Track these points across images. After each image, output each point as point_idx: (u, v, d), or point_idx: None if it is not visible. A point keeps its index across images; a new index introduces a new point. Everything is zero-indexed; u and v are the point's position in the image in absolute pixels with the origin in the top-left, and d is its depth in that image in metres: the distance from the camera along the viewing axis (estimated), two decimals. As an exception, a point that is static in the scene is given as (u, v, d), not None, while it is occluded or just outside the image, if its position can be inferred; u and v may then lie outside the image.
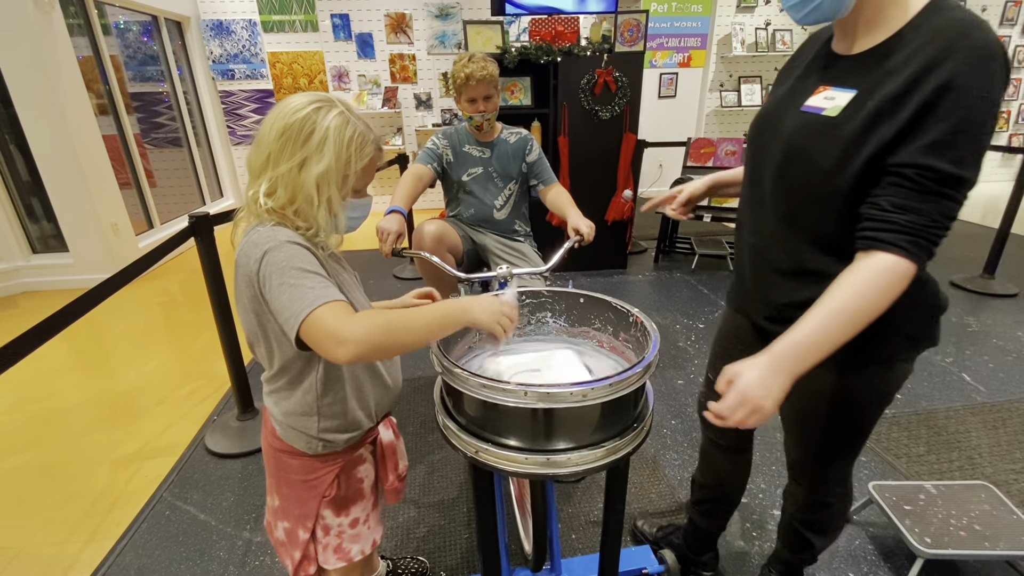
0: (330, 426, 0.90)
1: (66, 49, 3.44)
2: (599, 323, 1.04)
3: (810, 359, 0.73)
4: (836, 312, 0.72)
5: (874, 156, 0.74)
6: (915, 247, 0.72)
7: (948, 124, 0.69)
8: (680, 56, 5.72)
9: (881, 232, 0.73)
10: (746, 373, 0.73)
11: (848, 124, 0.76)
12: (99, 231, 3.64)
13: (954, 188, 0.71)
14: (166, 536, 1.60)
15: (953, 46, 0.68)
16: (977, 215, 5.19)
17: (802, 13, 0.78)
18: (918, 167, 0.71)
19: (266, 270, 0.75)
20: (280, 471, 0.95)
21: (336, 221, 0.84)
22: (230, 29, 5.13)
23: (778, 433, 1.99)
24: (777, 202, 0.89)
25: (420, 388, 2.35)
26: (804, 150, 0.82)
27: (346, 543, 0.98)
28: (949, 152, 0.69)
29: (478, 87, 1.71)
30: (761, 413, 0.72)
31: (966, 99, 0.68)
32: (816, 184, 0.81)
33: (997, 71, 0.68)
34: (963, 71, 0.67)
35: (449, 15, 5.22)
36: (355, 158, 0.81)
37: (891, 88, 0.72)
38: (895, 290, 0.73)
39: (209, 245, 1.87)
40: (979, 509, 1.41)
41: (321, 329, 0.71)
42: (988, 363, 2.46)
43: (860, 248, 0.75)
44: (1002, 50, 0.69)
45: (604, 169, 3.54)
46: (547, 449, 0.76)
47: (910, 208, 0.72)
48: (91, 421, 2.21)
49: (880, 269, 0.72)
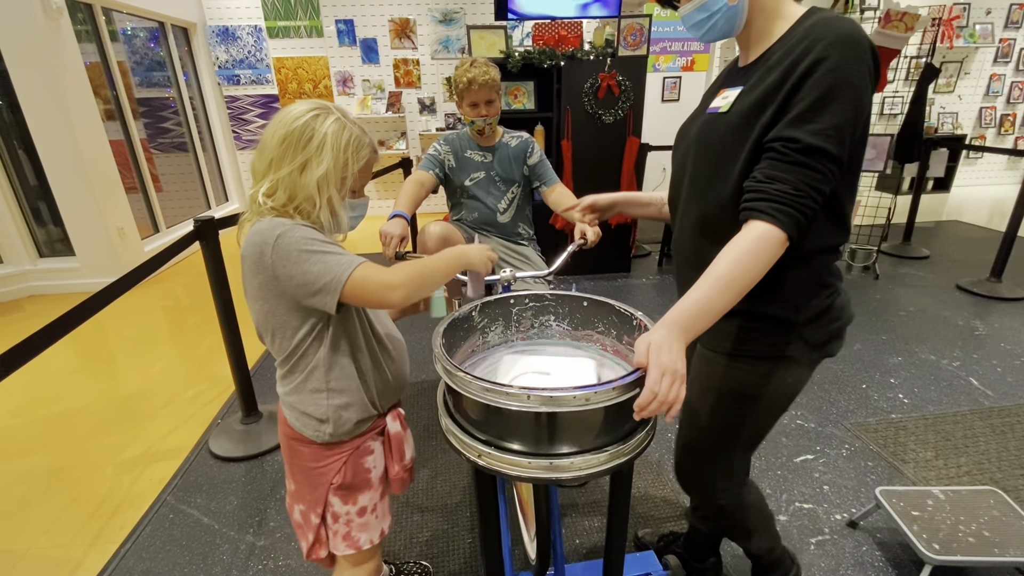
0: (340, 403, 0.94)
1: (74, 55, 3.47)
2: (603, 326, 1.03)
3: (700, 323, 0.77)
4: (716, 278, 0.77)
5: (756, 143, 0.82)
6: (781, 214, 0.77)
7: (809, 100, 0.76)
8: (683, 60, 5.72)
9: (753, 202, 0.80)
10: (653, 344, 0.74)
11: (734, 114, 0.85)
12: (105, 235, 3.66)
13: (815, 158, 0.77)
14: (170, 540, 1.60)
15: (818, 36, 0.77)
16: (984, 218, 5.16)
17: (702, 32, 0.88)
18: (782, 139, 0.78)
19: (283, 251, 0.80)
20: (293, 458, 1.00)
21: (337, 220, 0.90)
22: (236, 35, 5.17)
23: (783, 438, 1.98)
24: (688, 205, 0.97)
25: (424, 391, 2.35)
26: (703, 144, 0.92)
27: (355, 531, 1.01)
28: (809, 125, 0.76)
29: (480, 91, 1.71)
30: (681, 379, 0.73)
31: (827, 79, 0.75)
32: (714, 178, 0.89)
33: (859, 56, 0.75)
34: (825, 55, 0.75)
35: (453, 20, 5.25)
36: (352, 160, 0.87)
37: (770, 80, 0.81)
38: (767, 255, 0.78)
39: (214, 249, 1.88)
40: (988, 515, 1.39)
41: (371, 281, 0.82)
42: (996, 367, 2.44)
43: (742, 219, 0.82)
44: (864, 38, 0.76)
45: (607, 173, 3.54)
46: (550, 453, 0.75)
47: (777, 178, 0.78)
48: (96, 424, 2.21)
49: (753, 236, 0.78)
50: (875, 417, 2.09)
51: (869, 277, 3.61)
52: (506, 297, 1.06)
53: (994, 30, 5.89)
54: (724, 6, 0.84)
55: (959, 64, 6.01)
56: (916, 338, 2.73)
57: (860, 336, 2.76)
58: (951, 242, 4.42)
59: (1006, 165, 6.63)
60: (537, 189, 1.94)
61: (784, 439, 1.97)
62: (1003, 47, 6.03)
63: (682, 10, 0.89)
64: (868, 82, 0.77)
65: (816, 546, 1.51)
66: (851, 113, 0.76)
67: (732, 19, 0.85)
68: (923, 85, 3.55)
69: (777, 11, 0.85)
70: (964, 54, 5.97)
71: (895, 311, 3.05)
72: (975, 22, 5.83)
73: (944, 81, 6.04)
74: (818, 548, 1.51)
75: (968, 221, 5.09)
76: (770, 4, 0.85)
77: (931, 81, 3.60)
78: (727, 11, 0.84)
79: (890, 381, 2.34)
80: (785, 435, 2.00)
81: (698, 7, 0.86)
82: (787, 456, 1.88)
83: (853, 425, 2.04)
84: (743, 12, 0.85)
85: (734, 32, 0.88)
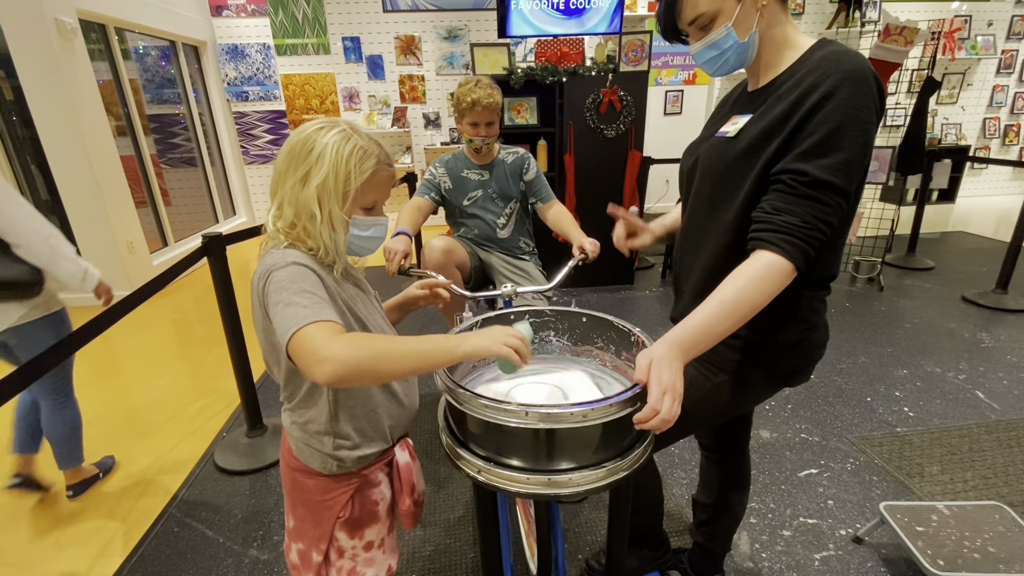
0: (344, 444, 0.90)
1: (87, 73, 3.56)
2: (601, 342, 1.05)
3: (701, 345, 0.79)
4: (721, 303, 0.78)
5: (763, 172, 0.84)
6: (789, 245, 0.78)
7: (819, 135, 0.77)
8: (685, 74, 5.78)
9: (761, 232, 0.81)
10: (655, 361, 0.75)
11: (742, 141, 0.87)
12: (115, 249, 3.72)
13: (824, 192, 0.78)
14: (175, 553, 1.61)
15: (828, 71, 0.78)
16: (989, 229, 5.14)
17: (713, 68, 0.90)
18: (791, 172, 0.79)
19: (269, 288, 0.77)
20: (296, 490, 0.95)
21: (335, 237, 0.84)
22: (245, 52, 5.28)
23: (787, 451, 1.97)
24: (691, 225, 0.99)
25: (426, 405, 2.36)
26: (708, 167, 0.93)
27: (360, 567, 0.97)
28: (818, 160, 0.78)
29: (483, 113, 1.74)
30: (680, 397, 0.75)
31: (836, 114, 0.77)
32: (718, 201, 0.91)
33: (867, 92, 0.77)
34: (834, 91, 0.77)
35: (457, 37, 5.33)
36: (355, 172, 0.82)
37: (779, 110, 0.82)
38: (773, 284, 0.79)
39: (221, 264, 1.91)
40: (993, 531, 1.38)
41: (305, 346, 0.70)
42: (1002, 380, 2.42)
43: (749, 248, 0.83)
44: (873, 74, 0.78)
45: (610, 186, 3.57)
46: (549, 469, 0.76)
47: (784, 210, 0.80)
48: (103, 436, 2.23)
49: (760, 265, 0.79)
50: (880, 431, 2.08)
51: (873, 289, 3.60)
52: (506, 313, 1.08)
53: (996, 41, 5.92)
54: (735, 44, 0.85)
55: (961, 75, 6.03)
56: (921, 351, 2.71)
57: (864, 349, 2.75)
58: (956, 253, 4.40)
59: (1012, 176, 6.62)
60: (533, 205, 1.96)
61: (788, 453, 1.96)
62: (1005, 58, 6.05)
63: (693, 48, 0.90)
64: (875, 118, 0.78)
65: (821, 562, 1.50)
66: (859, 148, 0.78)
67: (743, 55, 0.86)
68: (924, 97, 3.57)
69: (786, 41, 0.86)
70: (966, 65, 6.00)
71: (900, 323, 3.04)
72: (977, 34, 5.86)
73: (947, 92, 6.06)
74: (823, 564, 1.50)
75: (974, 232, 5.07)
76: (779, 35, 0.86)
77: (932, 93, 3.62)
78: (738, 48, 0.85)
79: (895, 394, 2.33)
80: (789, 449, 1.99)
81: (708, 45, 0.87)
82: (791, 470, 1.88)
83: (858, 439, 2.03)
84: (754, 47, 0.86)
85: (745, 66, 0.89)
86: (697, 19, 0.85)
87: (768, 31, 0.85)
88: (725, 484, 1.27)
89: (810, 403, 2.28)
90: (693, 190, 0.98)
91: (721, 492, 1.27)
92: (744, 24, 0.84)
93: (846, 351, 2.73)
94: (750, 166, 0.85)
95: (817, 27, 5.40)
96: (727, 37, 0.84)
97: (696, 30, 0.87)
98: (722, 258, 0.92)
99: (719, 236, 0.92)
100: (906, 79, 4.61)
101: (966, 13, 5.78)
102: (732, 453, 1.24)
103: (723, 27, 0.84)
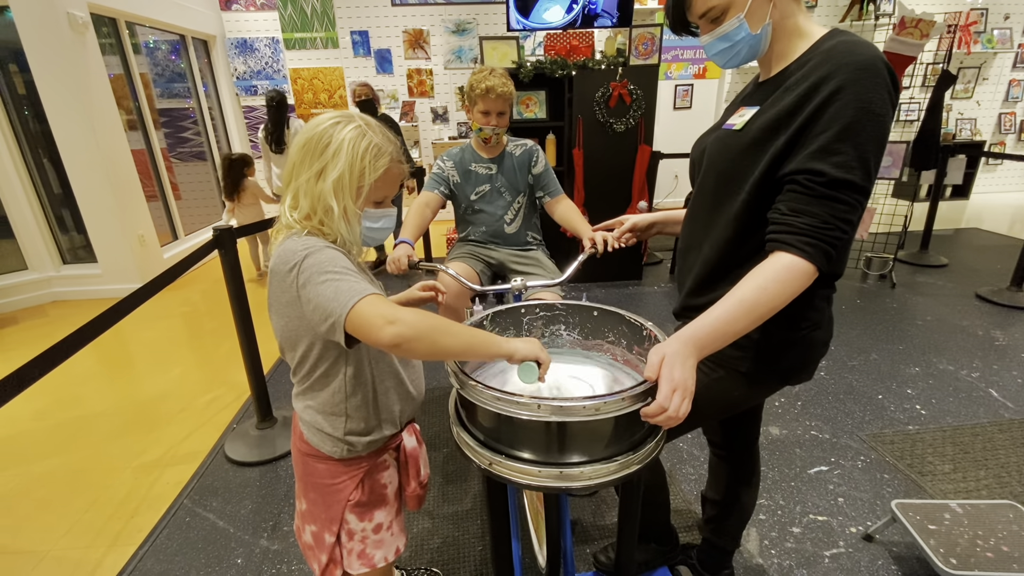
0: (356, 428, 0.92)
1: (98, 67, 3.58)
2: (613, 336, 1.04)
3: (716, 343, 0.78)
4: (739, 301, 0.77)
5: (770, 166, 0.82)
6: (810, 247, 0.76)
7: (833, 132, 0.75)
8: (695, 68, 5.72)
9: (781, 234, 0.79)
10: (667, 357, 0.75)
11: (748, 134, 0.85)
12: (126, 242, 3.75)
13: (842, 191, 0.76)
14: (186, 543, 1.63)
15: (839, 63, 0.75)
16: (1004, 225, 5.07)
17: (725, 60, 0.88)
18: (806, 172, 0.77)
19: (308, 271, 0.78)
20: (307, 475, 0.97)
21: (351, 230, 0.87)
22: (254, 47, 5.29)
23: (797, 448, 1.96)
24: (696, 217, 0.98)
25: (436, 399, 2.37)
26: (713, 160, 0.92)
27: (370, 548, 1.00)
28: (834, 157, 0.75)
29: (496, 101, 1.73)
30: (690, 395, 0.74)
31: (849, 109, 0.74)
32: (723, 194, 0.89)
33: (880, 84, 0.74)
34: (846, 84, 0.74)
35: (466, 31, 5.31)
36: (369, 169, 0.84)
37: (786, 103, 0.80)
38: (794, 285, 0.77)
39: (232, 257, 1.92)
40: (1007, 530, 1.37)
41: (372, 311, 0.74)
42: (1016, 378, 2.39)
43: (768, 250, 0.81)
44: (885, 64, 0.75)
45: (619, 181, 3.55)
46: (560, 462, 0.76)
47: (803, 211, 0.77)
48: (115, 428, 2.26)
49: (780, 266, 0.77)
50: (891, 428, 2.06)
51: (885, 286, 3.56)
52: (517, 307, 1.07)
53: (1012, 35, 5.81)
54: (747, 35, 0.83)
55: (977, 70, 5.93)
56: (934, 348, 2.68)
57: (876, 346, 2.72)
58: (970, 250, 4.34)
59: (1026, 172, 6.52)
60: (540, 199, 1.94)
61: (798, 450, 1.95)
62: (1022, 53, 5.94)
63: (703, 39, 0.88)
64: (889, 110, 0.76)
65: (831, 559, 1.49)
66: (875, 143, 0.75)
67: (755, 46, 0.85)
68: (940, 91, 3.52)
69: (797, 30, 0.84)
70: (982, 59, 5.90)
71: (912, 320, 3.01)
72: (993, 27, 5.76)
73: (962, 87, 5.96)
74: (832, 561, 1.49)
75: (988, 229, 5.00)
76: (791, 25, 0.84)
77: (948, 87, 3.56)
78: (750, 39, 0.84)
79: (907, 392, 2.31)
80: (799, 446, 1.97)
81: (720, 37, 0.85)
82: (801, 467, 1.86)
83: (869, 436, 2.01)
84: (766, 38, 0.84)
85: (757, 57, 0.88)
86: (708, 12, 0.84)
87: (781, 22, 0.83)
88: (734, 480, 1.26)
89: (820, 400, 2.26)
90: (698, 183, 0.97)
91: (730, 488, 1.27)
92: (756, 16, 0.82)
93: (857, 348, 2.70)
94: (756, 160, 0.83)
95: (831, 20, 5.33)
96: (739, 29, 0.83)
97: (707, 23, 0.86)
98: (724, 252, 0.91)
99: (721, 230, 0.91)
100: (921, 73, 4.54)
101: (982, 6, 5.67)
102: (740, 449, 1.23)
103: (735, 19, 0.82)
